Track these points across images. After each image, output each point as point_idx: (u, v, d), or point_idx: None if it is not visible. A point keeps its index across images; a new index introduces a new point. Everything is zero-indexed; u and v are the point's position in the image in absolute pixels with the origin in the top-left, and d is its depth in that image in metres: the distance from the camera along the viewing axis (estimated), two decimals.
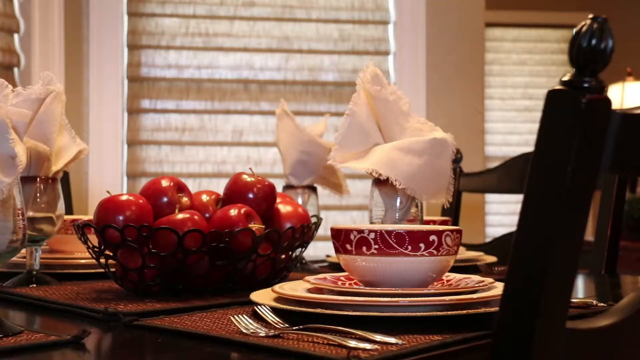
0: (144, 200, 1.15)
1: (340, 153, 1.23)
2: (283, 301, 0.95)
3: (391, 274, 0.95)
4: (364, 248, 0.94)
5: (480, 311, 0.86)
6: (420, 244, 0.93)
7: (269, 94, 3.06)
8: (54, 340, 0.81)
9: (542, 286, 0.60)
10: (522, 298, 0.63)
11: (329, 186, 1.78)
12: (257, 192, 1.23)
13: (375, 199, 1.26)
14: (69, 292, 1.19)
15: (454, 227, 0.97)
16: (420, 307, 0.88)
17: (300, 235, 1.24)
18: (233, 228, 1.14)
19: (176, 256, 1.11)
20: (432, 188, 1.20)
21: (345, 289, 0.94)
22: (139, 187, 2.99)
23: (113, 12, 2.94)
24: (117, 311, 0.95)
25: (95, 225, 1.12)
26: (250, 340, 0.79)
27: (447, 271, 0.99)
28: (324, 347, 0.76)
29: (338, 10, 3.10)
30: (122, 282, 1.16)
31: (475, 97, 3.10)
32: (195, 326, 0.88)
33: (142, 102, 3.01)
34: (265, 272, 1.21)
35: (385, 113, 1.24)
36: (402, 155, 1.18)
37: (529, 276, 0.63)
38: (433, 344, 0.77)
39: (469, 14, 3.08)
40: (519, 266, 0.64)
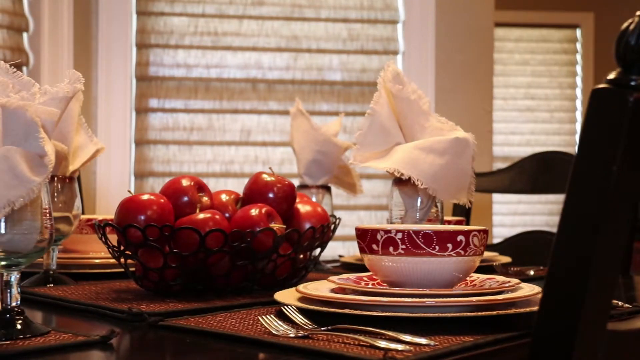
0: (165, 200, 1.14)
1: (361, 152, 1.22)
2: (309, 301, 0.94)
3: (418, 274, 0.94)
4: (391, 248, 0.94)
5: (510, 312, 0.86)
6: (447, 244, 0.92)
7: (278, 93, 3.05)
8: (83, 340, 0.81)
9: (585, 288, 0.60)
10: (564, 299, 0.62)
11: (342, 186, 1.77)
12: (277, 192, 1.22)
13: (395, 199, 1.25)
14: (88, 292, 1.18)
15: (480, 227, 0.97)
16: (446, 308, 0.88)
17: (320, 235, 1.23)
18: (254, 228, 1.14)
19: (198, 256, 1.10)
20: (453, 188, 1.20)
21: (372, 290, 0.93)
22: (146, 186, 2.99)
23: (122, 11, 2.93)
24: (141, 311, 0.95)
25: (116, 224, 1.12)
26: (281, 341, 0.79)
27: (473, 272, 0.99)
28: (356, 348, 0.75)
29: (347, 9, 3.09)
30: (142, 282, 1.15)
31: (484, 97, 3.09)
32: (222, 326, 0.88)
33: (150, 101, 3.00)
34: (285, 272, 1.21)
35: (406, 112, 1.24)
36: (424, 155, 1.18)
37: (571, 278, 0.62)
38: (466, 345, 0.76)
39: (478, 14, 3.07)
40: (560, 267, 0.63)
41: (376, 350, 0.74)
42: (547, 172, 2.03)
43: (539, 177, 2.05)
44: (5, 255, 0.83)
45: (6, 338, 0.80)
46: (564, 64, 6.16)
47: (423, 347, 0.75)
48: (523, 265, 1.65)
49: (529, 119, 6.05)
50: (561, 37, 6.17)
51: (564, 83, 6.13)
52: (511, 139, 5.97)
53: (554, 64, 6.16)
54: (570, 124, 6.09)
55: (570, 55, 6.15)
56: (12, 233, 0.82)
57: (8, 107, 0.81)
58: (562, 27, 6.15)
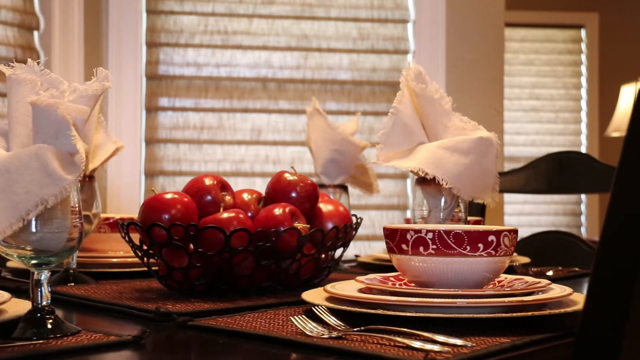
0: (189, 199, 1.14)
1: (384, 152, 1.22)
2: (339, 301, 0.94)
3: (448, 275, 0.94)
4: (421, 248, 0.93)
5: (544, 313, 0.85)
6: (478, 244, 0.92)
7: (288, 92, 3.05)
8: (115, 340, 0.80)
9: (632, 287, 0.59)
10: (610, 299, 0.62)
11: (359, 185, 1.76)
12: (300, 191, 1.22)
13: (417, 198, 1.25)
14: (111, 291, 1.18)
15: (510, 228, 0.96)
16: (478, 309, 0.87)
17: (343, 234, 1.22)
18: (278, 227, 1.13)
19: (222, 256, 1.09)
20: (477, 187, 1.19)
21: (403, 290, 0.92)
22: (156, 185, 2.98)
23: (132, 9, 2.92)
24: (170, 311, 0.94)
25: (140, 224, 1.11)
26: (316, 342, 0.78)
27: (502, 272, 0.98)
28: (393, 349, 0.75)
29: (357, 8, 3.08)
30: (165, 281, 1.15)
31: (495, 97, 3.08)
32: (251, 327, 0.87)
33: (160, 100, 3.00)
34: (309, 272, 1.20)
35: (429, 111, 1.23)
36: (448, 155, 1.17)
37: (618, 277, 0.61)
38: (504, 346, 0.76)
39: (489, 13, 3.06)
40: (606, 266, 0.62)
41: (414, 351, 0.74)
42: (562, 172, 2.02)
43: (554, 177, 2.04)
44: (35, 254, 0.82)
45: (37, 337, 0.80)
46: (569, 64, 6.14)
47: (461, 349, 0.74)
48: (541, 265, 1.64)
49: (533, 119, 6.04)
50: (566, 37, 6.16)
51: (569, 83, 6.12)
52: (516, 139, 5.96)
53: (559, 64, 6.15)
54: (575, 124, 6.08)
55: (575, 56, 6.14)
56: (43, 232, 0.82)
57: (38, 105, 0.81)
58: (567, 28, 6.14)
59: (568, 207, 6.02)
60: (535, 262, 1.71)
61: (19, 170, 0.78)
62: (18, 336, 0.80)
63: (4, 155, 0.79)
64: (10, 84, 0.87)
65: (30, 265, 0.83)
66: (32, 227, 0.81)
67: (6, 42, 2.58)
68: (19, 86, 0.86)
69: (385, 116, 3.05)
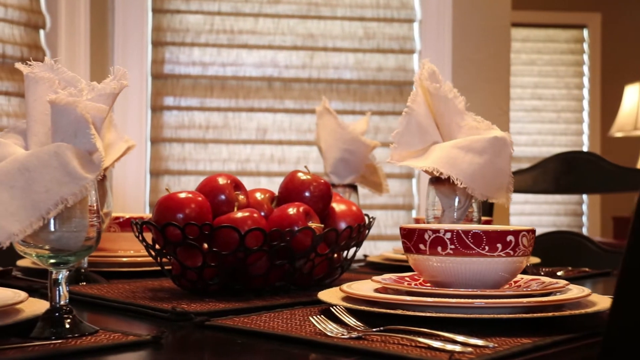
0: (203, 198, 1.13)
1: (398, 151, 1.21)
2: (356, 301, 0.93)
3: (466, 275, 0.93)
4: (439, 248, 0.93)
5: (565, 313, 0.85)
6: (497, 244, 0.91)
7: (293, 91, 3.04)
8: (134, 340, 0.79)
9: None
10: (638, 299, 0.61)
11: (368, 185, 1.76)
12: (313, 191, 1.21)
13: (431, 198, 1.24)
14: (123, 290, 1.17)
15: (528, 228, 0.95)
16: (497, 309, 0.86)
17: (357, 234, 1.22)
18: (292, 227, 1.13)
19: (237, 255, 1.09)
20: (492, 187, 1.18)
21: (423, 290, 0.92)
22: (162, 184, 2.98)
23: (138, 8, 2.92)
24: (187, 311, 0.93)
25: (155, 223, 1.11)
26: (337, 343, 0.77)
27: (520, 272, 0.97)
28: (415, 349, 0.74)
29: (363, 8, 3.08)
30: (179, 281, 1.14)
31: (501, 97, 3.08)
32: (269, 327, 0.87)
33: (165, 99, 2.99)
34: (322, 272, 1.20)
35: (443, 111, 1.22)
36: (463, 154, 1.16)
37: None
38: (526, 347, 0.75)
39: (495, 13, 3.06)
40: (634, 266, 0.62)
41: (437, 352, 0.73)
42: (571, 173, 2.02)
43: (562, 178, 2.04)
44: (54, 254, 0.82)
45: (56, 337, 0.79)
46: (571, 64, 6.14)
47: (483, 349, 0.74)
48: (550, 266, 1.64)
49: (535, 119, 6.04)
50: (568, 37, 6.15)
51: (571, 83, 6.12)
52: (518, 139, 5.95)
53: (561, 64, 6.15)
54: (577, 124, 6.08)
55: (577, 56, 6.13)
56: (62, 231, 0.81)
57: (58, 103, 0.80)
58: (569, 27, 6.13)
59: (569, 207, 6.02)
60: (543, 262, 1.70)
61: (38, 169, 0.77)
62: (36, 336, 0.80)
63: (23, 154, 0.79)
64: (28, 83, 0.86)
65: (49, 264, 0.83)
66: (51, 226, 0.80)
67: (12, 40, 2.58)
68: (37, 85, 0.86)
69: (390, 116, 3.06)
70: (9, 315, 0.83)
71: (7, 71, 2.55)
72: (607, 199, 5.92)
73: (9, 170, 0.77)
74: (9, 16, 2.57)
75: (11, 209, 0.75)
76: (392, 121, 3.08)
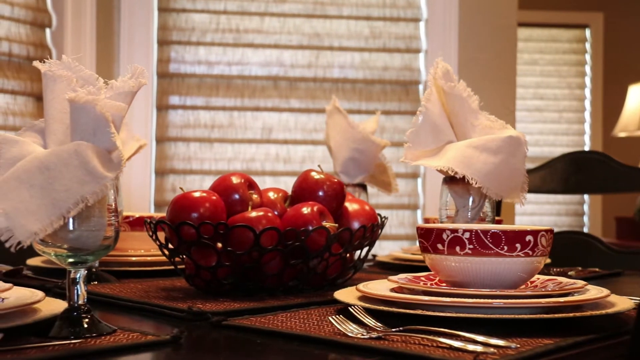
0: (217, 197, 1.13)
1: (412, 151, 1.21)
2: (373, 301, 0.93)
3: (484, 275, 0.93)
4: (457, 248, 0.92)
5: (586, 314, 0.84)
6: (516, 244, 0.91)
7: (299, 91, 3.04)
8: (153, 340, 0.79)
9: None
10: None
11: (377, 184, 1.75)
12: (327, 190, 1.21)
13: (444, 198, 1.24)
14: (135, 289, 1.17)
15: (547, 228, 0.95)
16: (516, 309, 0.86)
17: (370, 234, 1.22)
18: (306, 226, 1.12)
19: (252, 254, 1.08)
20: (506, 187, 1.18)
21: (441, 290, 0.91)
22: (167, 184, 2.97)
23: (144, 7, 2.91)
24: (204, 311, 0.93)
25: (169, 222, 1.10)
26: (358, 343, 0.77)
27: (537, 273, 0.97)
28: (437, 350, 0.74)
29: (369, 7, 3.07)
30: (193, 280, 1.14)
31: (507, 96, 3.07)
32: (286, 326, 0.86)
33: (171, 98, 2.99)
34: (336, 272, 1.19)
35: (458, 110, 1.22)
36: (478, 154, 1.16)
37: None
38: (549, 347, 0.75)
39: (502, 12, 3.05)
40: None
41: (460, 352, 0.73)
42: (579, 172, 2.01)
43: (571, 177, 2.03)
44: (72, 253, 0.81)
45: (74, 337, 0.79)
46: (573, 64, 6.13)
47: (506, 350, 0.73)
48: (560, 266, 1.63)
49: (537, 119, 6.03)
50: (570, 37, 6.15)
51: (573, 83, 6.11)
52: None
53: (563, 64, 6.14)
54: (579, 124, 6.07)
55: (580, 56, 6.13)
56: (81, 230, 0.81)
57: (77, 101, 0.80)
58: (572, 27, 6.13)
59: (571, 207, 6.02)
60: (553, 262, 1.70)
61: (59, 168, 0.77)
62: (54, 335, 0.79)
63: (42, 153, 0.78)
64: (45, 81, 0.86)
65: (67, 263, 0.82)
66: (70, 225, 0.80)
67: (19, 39, 2.57)
68: (55, 83, 0.85)
69: (396, 115, 3.05)
70: (27, 314, 0.83)
71: (14, 70, 2.55)
72: (609, 199, 5.91)
73: (29, 169, 0.77)
74: (16, 15, 2.56)
75: (31, 207, 0.75)
76: (397, 120, 3.07)
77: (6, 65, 2.53)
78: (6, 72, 2.52)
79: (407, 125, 3.09)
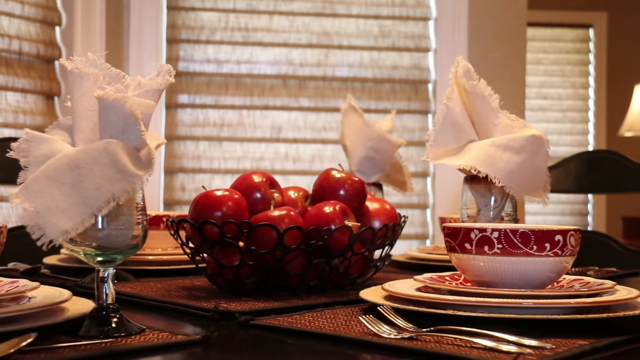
0: (240, 196, 1.12)
1: (433, 150, 1.20)
2: (400, 301, 0.92)
3: (512, 275, 0.92)
4: (486, 247, 0.91)
5: (619, 314, 0.83)
6: (545, 243, 0.90)
7: (308, 90, 3.03)
8: (184, 339, 0.78)
9: None
10: None
11: (392, 184, 1.74)
12: (348, 189, 1.20)
13: (465, 197, 1.23)
14: (156, 289, 1.16)
15: (575, 227, 0.94)
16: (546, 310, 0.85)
17: (391, 233, 1.21)
18: (329, 225, 1.11)
19: (275, 254, 1.08)
20: (529, 186, 1.17)
21: (470, 290, 0.90)
22: (176, 182, 2.97)
23: (153, 5, 2.91)
24: (231, 310, 0.92)
25: (192, 221, 1.09)
26: (392, 343, 0.76)
27: (565, 273, 0.96)
28: (474, 350, 0.73)
29: (378, 6, 3.07)
30: (214, 279, 1.13)
31: (517, 96, 3.06)
32: (315, 326, 0.85)
33: (180, 97, 2.98)
34: (357, 271, 1.19)
35: (479, 109, 1.21)
36: (500, 153, 1.15)
37: None
38: (585, 348, 0.74)
39: (511, 12, 3.04)
40: None
41: (496, 352, 0.72)
42: (594, 172, 2.01)
43: (585, 177, 2.02)
44: (101, 252, 0.81)
45: (103, 336, 0.78)
46: (577, 64, 6.13)
47: (542, 350, 0.73)
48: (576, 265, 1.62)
49: (541, 119, 6.02)
50: (574, 36, 6.14)
51: (577, 83, 6.10)
52: None
53: (567, 64, 6.13)
54: (582, 124, 6.07)
55: (583, 55, 6.12)
56: (110, 229, 0.80)
57: (106, 99, 0.79)
58: (575, 27, 6.12)
59: (575, 207, 6.01)
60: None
61: (89, 166, 0.76)
62: (83, 334, 0.79)
63: (72, 151, 0.78)
64: (73, 79, 0.85)
65: (96, 262, 0.82)
66: (99, 223, 0.79)
67: (29, 37, 2.57)
68: (82, 80, 0.84)
69: (405, 114, 3.04)
70: (55, 313, 0.82)
71: (24, 68, 2.54)
72: (614, 198, 5.90)
73: (59, 167, 0.76)
74: (26, 13, 2.56)
75: (62, 205, 0.74)
76: (407, 120, 3.06)
77: (16, 63, 2.53)
78: (16, 70, 2.51)
79: (416, 124, 3.08)
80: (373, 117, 2.58)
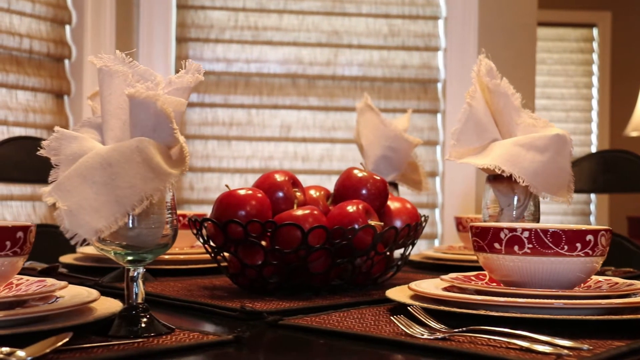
0: (263, 195, 1.11)
1: (456, 149, 1.19)
2: (428, 300, 0.91)
3: (542, 275, 0.91)
4: (516, 247, 0.91)
5: None
6: (576, 243, 0.89)
7: (318, 89, 3.02)
8: (215, 340, 0.78)
9: None
10: None
11: (407, 183, 1.74)
12: (370, 188, 1.19)
13: (487, 196, 1.22)
14: (177, 288, 1.15)
15: (606, 227, 0.94)
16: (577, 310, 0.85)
17: (414, 232, 1.20)
18: (352, 224, 1.11)
19: (299, 253, 1.07)
20: (553, 186, 1.17)
21: (501, 290, 0.90)
22: (184, 181, 2.96)
23: (163, 4, 2.90)
24: (259, 310, 0.92)
25: (215, 220, 1.09)
26: (426, 344, 0.75)
27: (594, 273, 0.95)
28: (512, 351, 0.72)
29: (388, 5, 3.06)
30: (237, 279, 1.12)
31: (526, 95, 3.05)
32: (344, 326, 0.85)
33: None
34: (380, 270, 1.18)
35: (502, 108, 1.21)
36: (524, 152, 1.15)
37: None
38: (622, 350, 0.73)
39: (522, 11, 3.04)
40: None
41: (534, 353, 0.71)
42: (609, 172, 2.00)
43: (599, 177, 2.02)
44: (131, 251, 0.80)
45: (133, 336, 0.78)
46: (580, 64, 6.12)
47: (580, 351, 0.72)
48: None
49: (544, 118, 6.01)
50: (578, 36, 6.13)
51: (580, 82, 6.10)
52: None
53: (570, 63, 6.12)
54: (585, 124, 6.06)
55: (587, 55, 6.11)
56: (140, 227, 0.79)
57: (137, 97, 0.78)
58: (579, 26, 6.11)
59: (577, 207, 6.00)
60: None
61: (121, 164, 0.75)
62: (113, 334, 0.78)
63: (104, 149, 0.77)
64: (102, 76, 0.84)
65: (126, 261, 0.81)
66: (130, 222, 0.79)
67: (39, 36, 2.56)
68: (111, 78, 0.84)
69: (415, 114, 3.03)
70: (84, 313, 0.81)
71: (34, 66, 2.54)
72: (617, 198, 5.90)
73: (92, 165, 0.75)
74: (36, 12, 2.55)
75: (95, 204, 0.73)
76: (416, 119, 3.06)
77: (27, 62, 2.52)
78: (27, 69, 2.51)
79: (425, 123, 3.07)
80: (382, 116, 2.57)
